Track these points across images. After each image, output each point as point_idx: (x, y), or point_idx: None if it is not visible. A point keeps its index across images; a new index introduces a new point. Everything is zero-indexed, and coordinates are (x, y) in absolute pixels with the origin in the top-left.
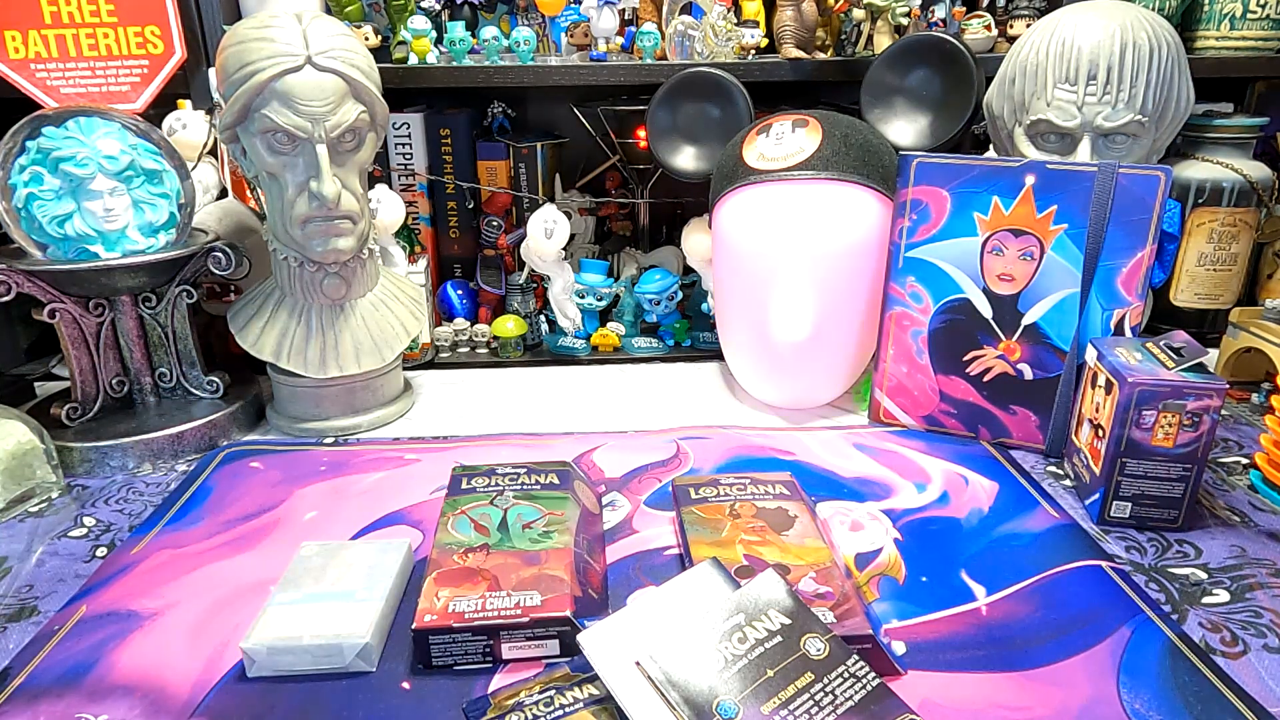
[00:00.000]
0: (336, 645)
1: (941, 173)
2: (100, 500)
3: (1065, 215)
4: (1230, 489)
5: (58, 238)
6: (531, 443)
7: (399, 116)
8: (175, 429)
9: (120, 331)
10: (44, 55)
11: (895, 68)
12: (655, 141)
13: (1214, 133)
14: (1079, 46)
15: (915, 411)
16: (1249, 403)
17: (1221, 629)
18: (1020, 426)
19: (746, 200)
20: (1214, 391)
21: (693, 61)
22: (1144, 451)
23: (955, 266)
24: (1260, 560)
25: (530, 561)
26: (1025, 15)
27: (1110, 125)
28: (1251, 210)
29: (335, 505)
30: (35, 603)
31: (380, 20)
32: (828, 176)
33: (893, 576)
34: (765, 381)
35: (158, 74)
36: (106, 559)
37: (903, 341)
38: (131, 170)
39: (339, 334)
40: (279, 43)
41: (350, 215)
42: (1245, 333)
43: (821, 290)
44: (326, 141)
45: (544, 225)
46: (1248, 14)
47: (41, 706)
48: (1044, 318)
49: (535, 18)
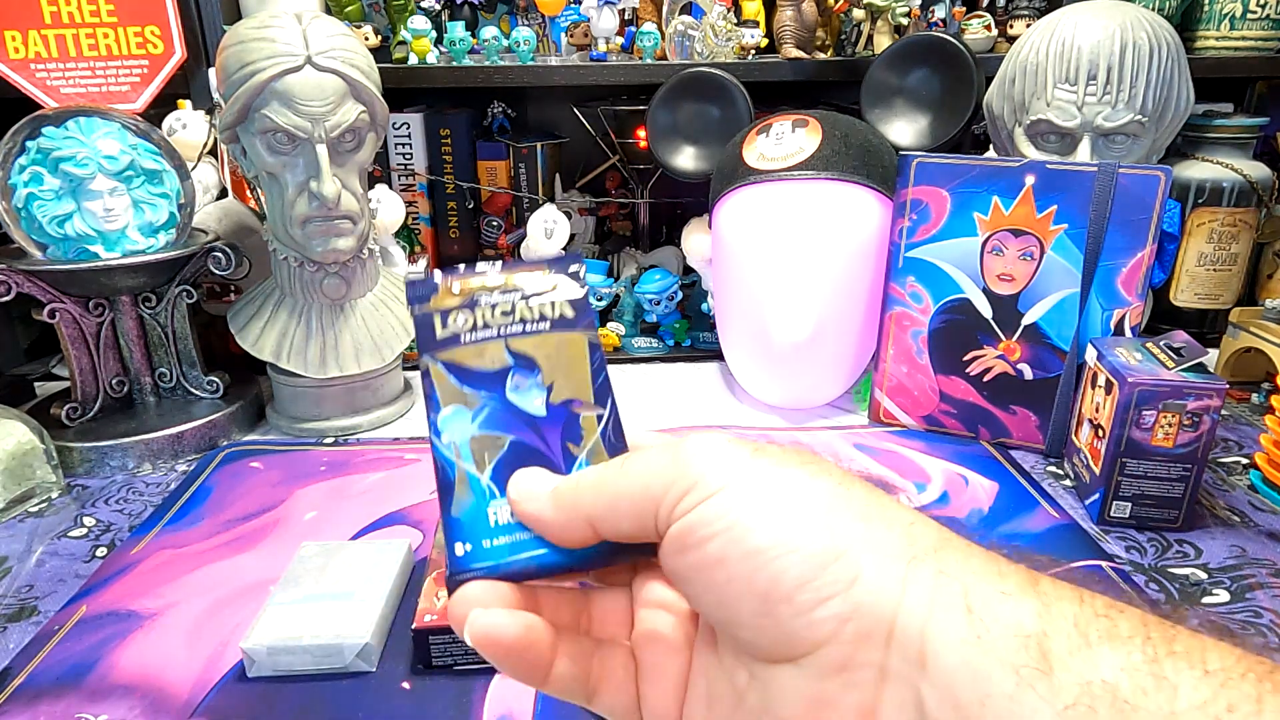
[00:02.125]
0: (336, 645)
1: (941, 173)
2: (100, 500)
3: (1065, 215)
4: (1230, 489)
5: (58, 238)
6: None
7: (399, 116)
8: (175, 429)
9: (120, 331)
10: (44, 55)
11: (895, 68)
12: (655, 141)
13: (1214, 133)
14: (1079, 46)
15: (915, 411)
16: (1249, 403)
17: (1221, 629)
18: (1020, 426)
19: (746, 200)
20: (1214, 391)
21: (693, 61)
22: (1144, 451)
23: (955, 266)
24: (1260, 560)
25: None
26: (1025, 15)
27: (1110, 125)
28: (1251, 210)
29: (335, 505)
30: (35, 603)
31: (380, 20)
32: (828, 176)
33: None
34: (765, 381)
35: (158, 74)
36: (106, 559)
37: (903, 341)
38: (131, 170)
39: (339, 334)
40: (279, 43)
41: (350, 215)
42: (1245, 333)
43: (821, 290)
44: (326, 141)
45: (544, 225)
46: (1248, 14)
47: (41, 706)
48: (1044, 318)
49: (535, 18)
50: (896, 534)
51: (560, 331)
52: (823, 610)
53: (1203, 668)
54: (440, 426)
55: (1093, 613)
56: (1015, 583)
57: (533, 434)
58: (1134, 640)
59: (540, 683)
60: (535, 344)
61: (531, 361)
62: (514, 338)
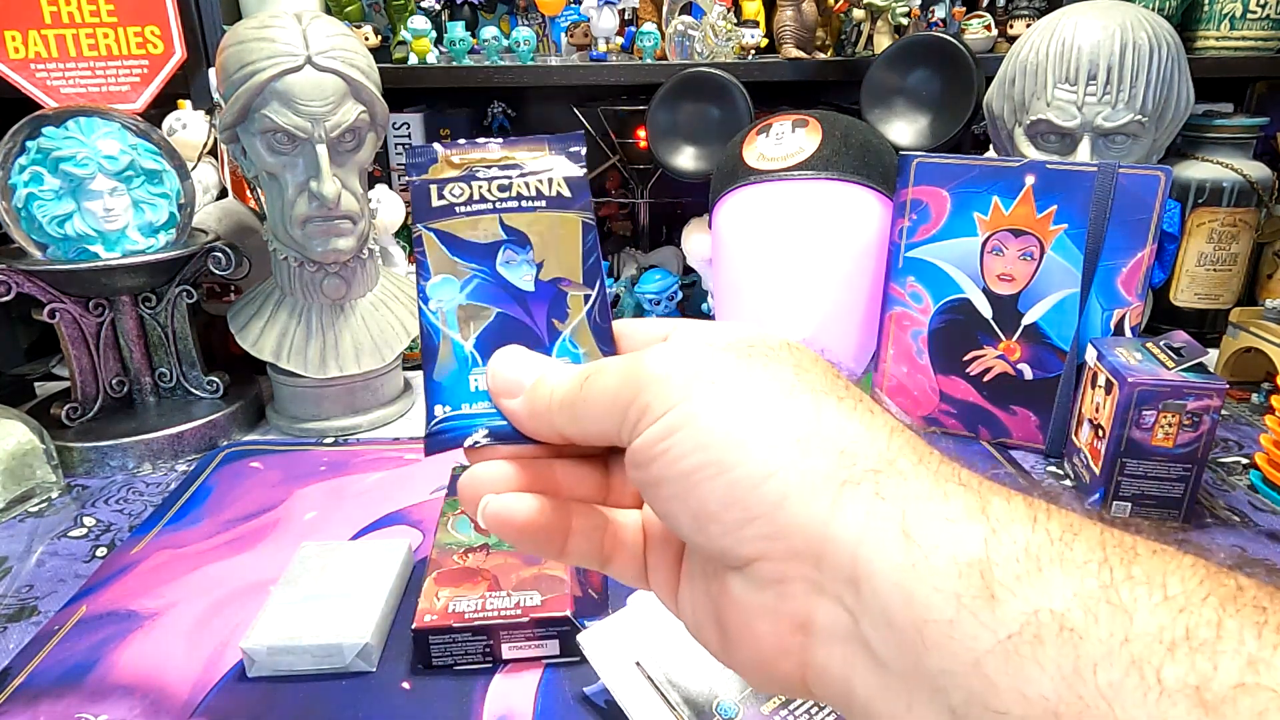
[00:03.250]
0: (336, 645)
1: (941, 173)
2: (100, 500)
3: (1065, 215)
4: (1230, 489)
5: (58, 238)
6: None
7: (399, 116)
8: (175, 429)
9: (120, 331)
10: (44, 55)
11: (895, 68)
12: (655, 142)
13: (1214, 133)
14: (1079, 46)
15: (915, 411)
16: (1249, 403)
17: None
18: (1020, 426)
19: (746, 200)
20: (1214, 391)
21: (693, 61)
22: (1144, 451)
23: (955, 266)
24: (1260, 560)
25: (530, 561)
26: (1025, 15)
27: (1110, 125)
28: (1251, 210)
29: (335, 505)
30: (35, 603)
31: (380, 20)
32: (828, 176)
33: None
34: None
35: (158, 74)
36: (106, 559)
37: (903, 341)
38: (131, 170)
39: (339, 334)
40: (279, 43)
41: (350, 215)
42: (1245, 333)
43: (821, 290)
44: (326, 141)
45: None
46: (1248, 14)
47: (41, 706)
48: (1044, 318)
49: (535, 18)
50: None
51: (555, 210)
52: (750, 530)
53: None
54: (429, 293)
55: (1046, 537)
56: (961, 507)
57: (519, 308)
58: (1089, 565)
59: (556, 555)
60: (529, 221)
61: (524, 237)
62: (508, 213)
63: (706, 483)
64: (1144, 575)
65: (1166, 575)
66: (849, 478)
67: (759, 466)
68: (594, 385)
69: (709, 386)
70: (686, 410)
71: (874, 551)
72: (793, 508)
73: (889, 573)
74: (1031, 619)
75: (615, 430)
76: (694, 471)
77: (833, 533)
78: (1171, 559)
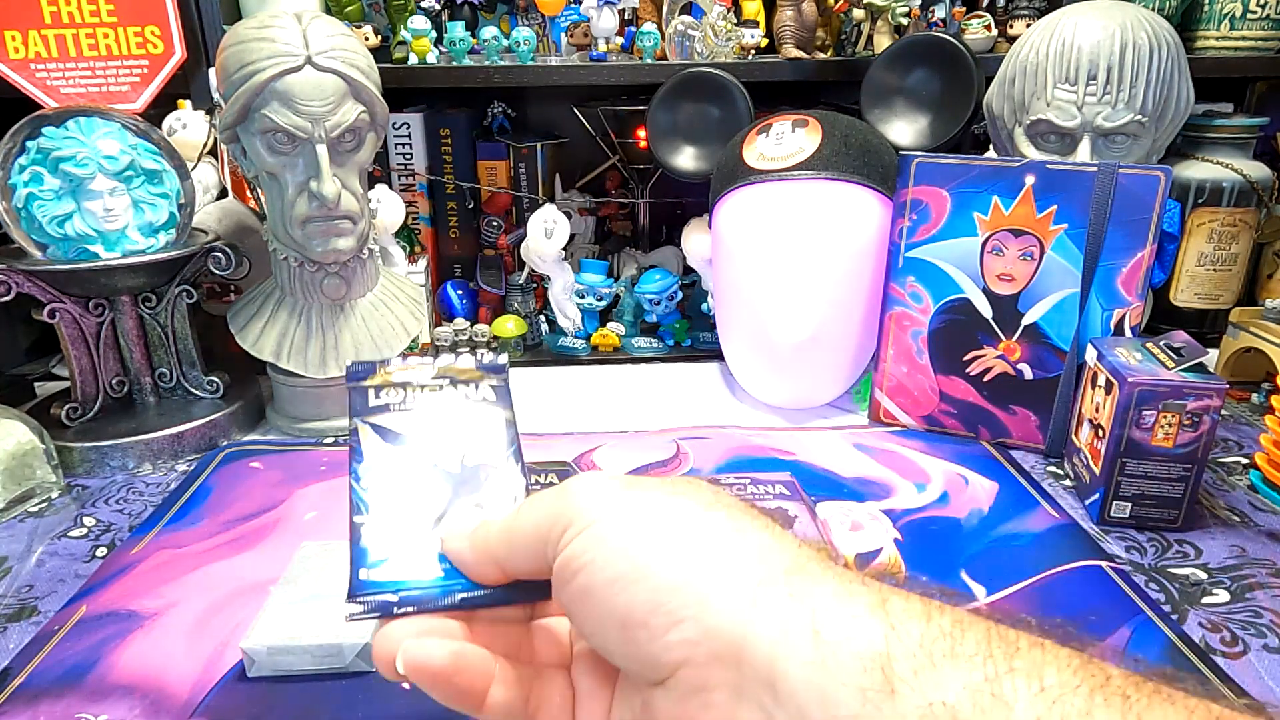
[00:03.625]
0: (336, 645)
1: (941, 173)
2: (100, 500)
3: (1065, 215)
4: (1230, 489)
5: (58, 238)
6: (531, 442)
7: (399, 116)
8: (175, 429)
9: (120, 331)
10: (44, 55)
11: (895, 68)
12: (655, 142)
13: (1214, 133)
14: (1079, 46)
15: (915, 411)
16: (1249, 403)
17: (1221, 629)
18: (1020, 426)
19: (746, 200)
20: (1214, 391)
21: (693, 61)
22: (1144, 451)
23: (955, 266)
24: (1260, 560)
25: None
26: (1025, 15)
27: (1110, 125)
28: (1251, 210)
29: (335, 505)
30: (35, 603)
31: (380, 20)
32: (828, 176)
33: (893, 576)
34: (765, 381)
35: (158, 74)
36: (106, 559)
37: (903, 341)
38: (131, 170)
39: (339, 334)
40: (279, 43)
41: (350, 215)
42: (1245, 333)
43: (821, 290)
44: (326, 141)
45: (544, 225)
46: (1248, 14)
47: (41, 706)
48: (1044, 318)
49: (535, 18)
50: (749, 558)
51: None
52: (675, 633)
53: (1039, 683)
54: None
55: (939, 632)
56: (865, 604)
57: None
58: (975, 659)
59: (476, 709)
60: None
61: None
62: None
63: (631, 588)
64: (1024, 667)
65: (1044, 667)
66: (765, 578)
67: (681, 570)
68: (525, 512)
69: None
70: (608, 523)
71: (788, 650)
72: (716, 605)
73: (802, 670)
74: (928, 712)
75: (543, 550)
76: (618, 579)
77: (753, 632)
78: (1049, 652)
